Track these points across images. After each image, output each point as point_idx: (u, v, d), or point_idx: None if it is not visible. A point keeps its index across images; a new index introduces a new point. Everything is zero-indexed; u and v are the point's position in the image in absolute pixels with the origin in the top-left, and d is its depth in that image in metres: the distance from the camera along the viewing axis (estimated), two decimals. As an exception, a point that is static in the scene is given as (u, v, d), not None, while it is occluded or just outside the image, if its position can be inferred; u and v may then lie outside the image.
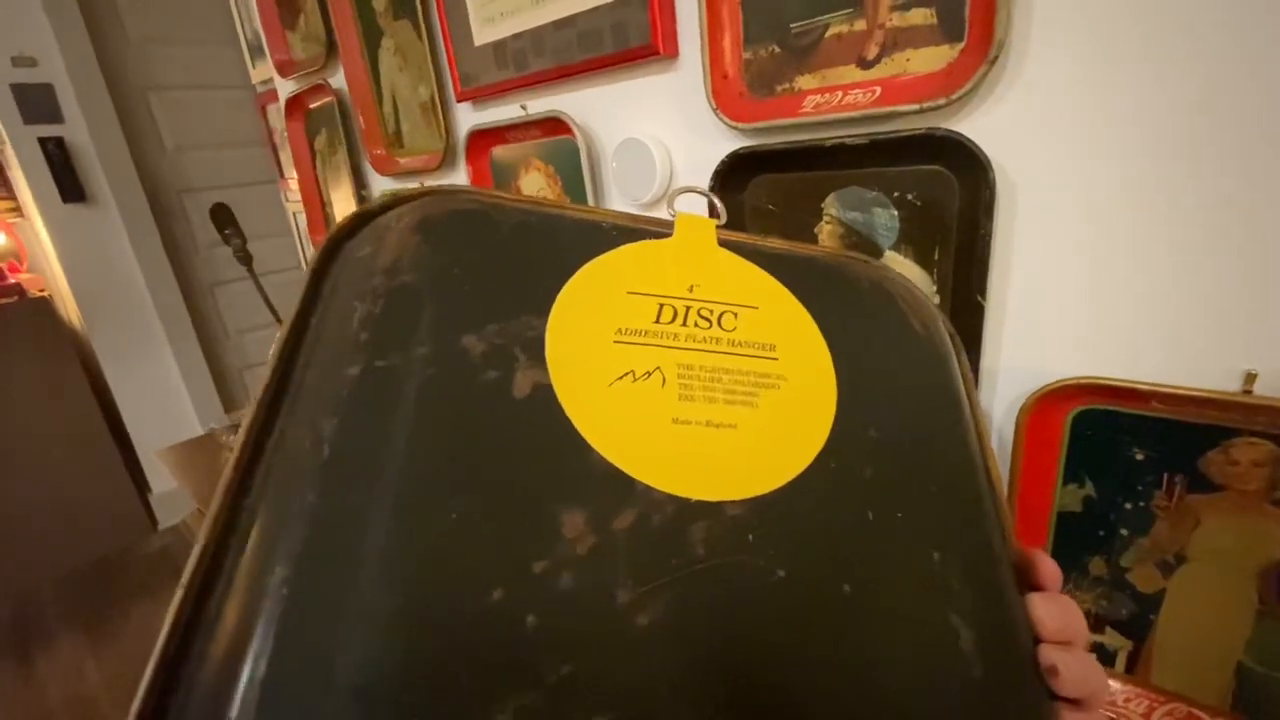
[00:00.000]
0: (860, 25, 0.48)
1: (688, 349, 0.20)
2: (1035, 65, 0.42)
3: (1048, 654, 0.19)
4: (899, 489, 0.20)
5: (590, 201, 0.71)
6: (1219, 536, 0.44)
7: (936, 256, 0.49)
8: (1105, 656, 0.52)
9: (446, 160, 0.88)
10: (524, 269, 0.20)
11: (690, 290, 0.21)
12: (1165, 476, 0.44)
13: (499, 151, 0.83)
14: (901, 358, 0.23)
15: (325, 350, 0.18)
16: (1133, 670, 0.51)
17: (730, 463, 0.19)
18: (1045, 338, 0.47)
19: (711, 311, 0.21)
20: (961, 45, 0.44)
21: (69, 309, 1.96)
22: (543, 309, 0.19)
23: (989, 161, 0.43)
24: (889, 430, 0.21)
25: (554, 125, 0.72)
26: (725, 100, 0.56)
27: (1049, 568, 0.20)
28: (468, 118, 0.84)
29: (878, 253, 0.52)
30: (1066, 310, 0.45)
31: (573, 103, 0.70)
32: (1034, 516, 0.50)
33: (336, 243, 0.21)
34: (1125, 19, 0.38)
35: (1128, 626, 0.50)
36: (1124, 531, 0.47)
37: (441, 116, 0.86)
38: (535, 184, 0.79)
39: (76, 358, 1.83)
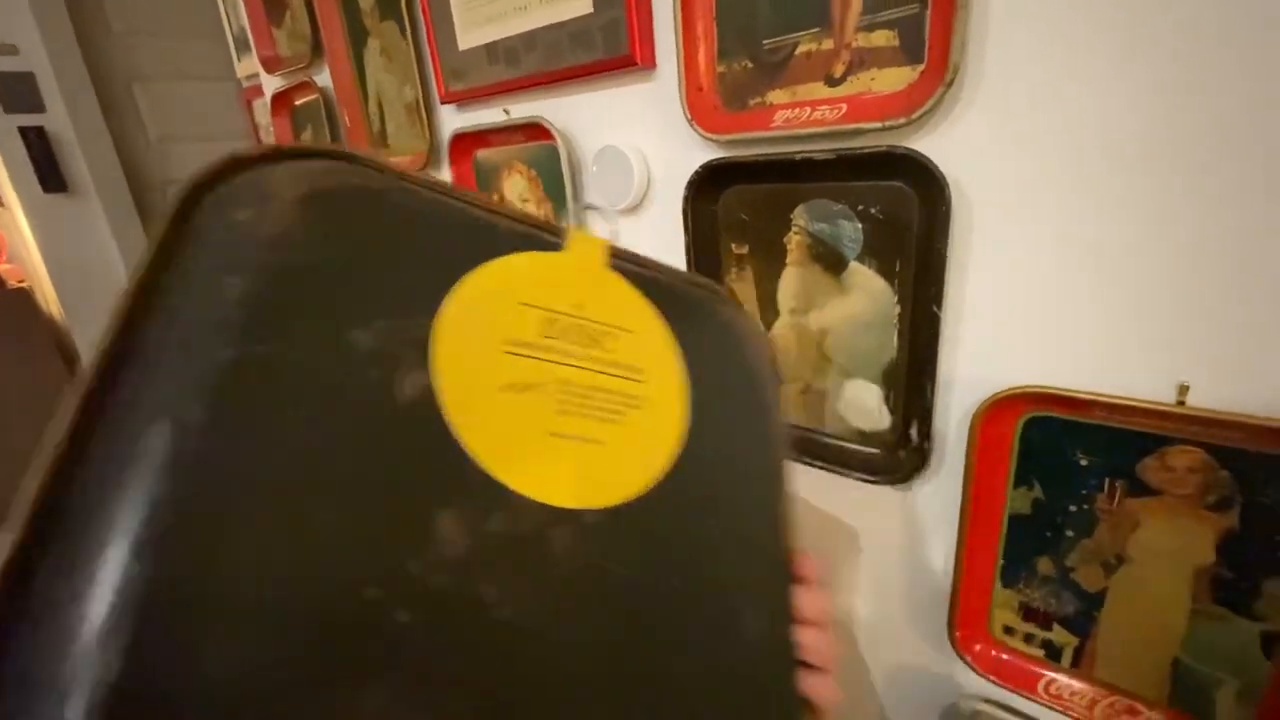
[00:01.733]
0: (828, 44, 0.50)
1: (570, 366, 0.21)
2: (990, 88, 0.44)
3: (800, 632, 0.24)
4: (723, 503, 0.23)
5: (569, 207, 0.73)
6: (1156, 538, 0.46)
7: (898, 268, 0.51)
8: (1053, 652, 0.54)
9: (430, 161, 0.89)
10: (417, 264, 0.19)
11: (578, 308, 0.22)
12: (1106, 481, 0.47)
13: (482, 154, 0.84)
14: (739, 389, 0.25)
15: (188, 323, 0.16)
16: (1078, 665, 0.53)
17: (594, 475, 0.20)
18: (999, 348, 0.49)
19: (595, 331, 0.22)
20: (922, 67, 0.46)
21: (49, 300, 1.94)
22: (433, 309, 0.19)
23: (945, 179, 0.45)
24: (721, 454, 0.23)
25: (536, 130, 0.73)
26: (700, 112, 0.57)
27: (810, 565, 0.25)
28: (452, 120, 0.85)
29: (843, 263, 0.54)
30: (1018, 322, 0.47)
31: (554, 108, 0.72)
32: (987, 518, 0.53)
33: (203, 187, 0.18)
34: (1073, 46, 0.40)
35: (1074, 623, 0.52)
36: (1069, 533, 0.50)
37: (426, 118, 0.87)
38: (517, 187, 0.81)
39: (56, 349, 1.81)
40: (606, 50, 0.62)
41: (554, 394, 0.20)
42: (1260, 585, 0.44)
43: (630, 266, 0.24)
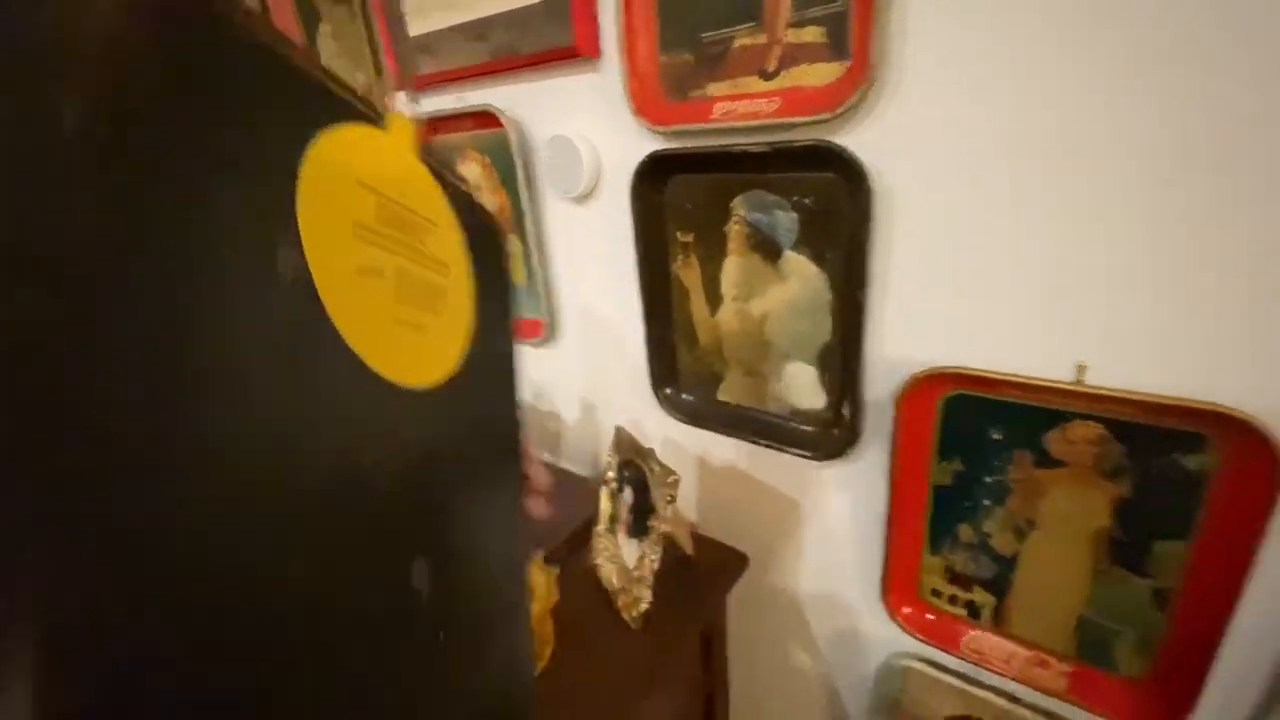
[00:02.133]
0: (762, 39, 0.52)
1: (400, 256, 0.22)
2: (910, 85, 0.46)
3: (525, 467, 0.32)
4: (493, 384, 0.29)
5: (524, 196, 0.74)
6: (1061, 505, 0.50)
7: (829, 256, 0.54)
8: (974, 611, 0.58)
9: (385, 147, 0.89)
10: (264, 119, 0.17)
11: (401, 195, 0.22)
12: (1017, 453, 0.50)
13: (436, 140, 0.84)
14: (497, 287, 0.29)
15: (15, 155, 0.12)
16: (997, 622, 0.58)
17: (421, 357, 0.23)
18: (920, 331, 0.52)
19: (414, 222, 0.23)
20: (848, 64, 0.48)
21: None
22: (290, 177, 0.17)
23: (866, 171, 0.48)
24: (491, 343, 0.28)
25: (487, 118, 0.74)
26: (643, 102, 0.59)
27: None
28: (404, 106, 0.85)
29: (779, 251, 0.57)
30: (937, 306, 0.50)
31: (504, 97, 0.72)
32: (914, 489, 0.56)
33: None
34: (987, 47, 0.43)
35: (992, 585, 0.57)
36: (986, 501, 0.54)
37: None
38: (471, 174, 0.81)
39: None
40: (552, 40, 0.63)
41: (393, 281, 0.22)
42: (1151, 546, 0.48)
43: (427, 158, 0.25)
